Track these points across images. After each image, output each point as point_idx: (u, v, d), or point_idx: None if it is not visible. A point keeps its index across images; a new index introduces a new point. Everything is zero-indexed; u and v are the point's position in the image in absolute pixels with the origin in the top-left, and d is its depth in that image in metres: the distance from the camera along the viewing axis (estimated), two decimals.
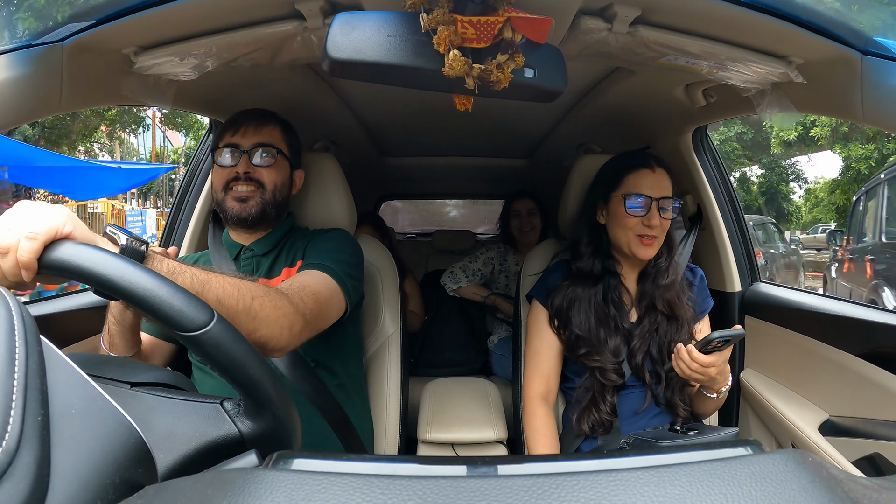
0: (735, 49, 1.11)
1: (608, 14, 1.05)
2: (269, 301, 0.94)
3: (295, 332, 1.00)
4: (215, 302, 0.84)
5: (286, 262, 1.41)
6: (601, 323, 1.48)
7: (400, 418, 1.65)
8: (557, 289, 1.55)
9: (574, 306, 1.51)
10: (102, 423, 0.50)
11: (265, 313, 0.93)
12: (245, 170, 1.36)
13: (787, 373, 1.69)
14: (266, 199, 1.38)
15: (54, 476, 0.43)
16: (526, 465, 0.50)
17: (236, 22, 1.09)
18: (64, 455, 0.45)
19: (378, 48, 0.88)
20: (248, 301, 0.90)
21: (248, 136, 1.38)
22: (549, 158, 2.80)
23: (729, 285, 1.92)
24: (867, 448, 1.39)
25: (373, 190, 3.69)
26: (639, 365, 1.47)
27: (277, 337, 0.95)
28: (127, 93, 1.20)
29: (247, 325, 0.89)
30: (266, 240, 1.43)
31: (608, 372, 1.45)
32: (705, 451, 0.51)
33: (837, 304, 1.58)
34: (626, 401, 1.48)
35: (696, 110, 1.64)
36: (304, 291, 1.11)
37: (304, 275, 1.22)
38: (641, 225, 1.44)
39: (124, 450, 0.50)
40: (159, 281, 0.62)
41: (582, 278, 1.54)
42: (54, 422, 0.46)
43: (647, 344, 1.48)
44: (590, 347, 1.47)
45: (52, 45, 1.01)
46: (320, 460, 0.48)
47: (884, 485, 0.46)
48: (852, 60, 1.04)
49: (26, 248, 0.65)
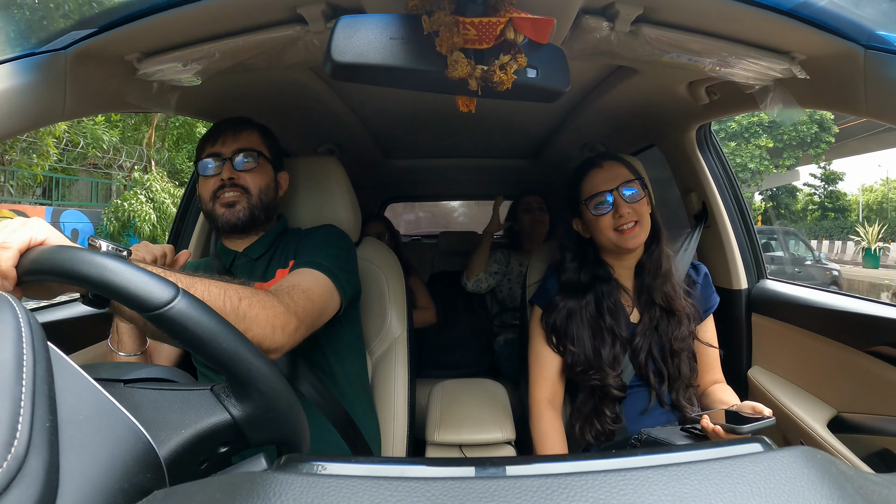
0: (737, 45, 1.11)
1: (610, 13, 1.05)
2: (257, 301, 0.95)
3: (289, 332, 1.00)
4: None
5: (280, 263, 1.41)
6: (596, 336, 1.48)
7: (408, 420, 1.65)
8: (551, 305, 1.55)
9: (569, 323, 1.50)
10: (110, 429, 0.50)
11: (254, 313, 0.92)
12: (229, 175, 1.37)
13: (795, 370, 1.69)
14: (253, 203, 1.39)
15: (63, 482, 0.43)
16: (534, 466, 0.50)
17: (238, 27, 1.09)
18: (73, 461, 0.45)
19: (380, 51, 0.88)
20: (235, 302, 0.90)
21: (228, 143, 1.39)
22: (554, 159, 2.80)
23: (735, 283, 1.92)
24: (877, 444, 1.39)
25: (377, 192, 3.70)
26: (642, 364, 1.46)
27: (270, 336, 0.95)
28: (131, 99, 1.21)
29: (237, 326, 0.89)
30: (259, 244, 1.44)
31: (609, 388, 1.44)
32: (715, 449, 0.51)
33: (845, 301, 1.57)
34: (631, 401, 1.48)
35: (699, 108, 1.63)
36: (295, 290, 1.11)
37: (295, 274, 1.22)
38: (613, 219, 1.45)
39: (132, 455, 0.50)
40: (121, 263, 0.61)
41: (571, 290, 1.53)
42: (63, 428, 0.46)
43: (649, 342, 1.47)
44: (587, 366, 1.47)
45: (56, 53, 1.01)
46: (329, 463, 0.48)
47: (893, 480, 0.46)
48: (855, 55, 1.04)
49: (1, 257, 0.67)
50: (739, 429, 1.16)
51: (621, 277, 1.55)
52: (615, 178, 1.47)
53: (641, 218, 1.45)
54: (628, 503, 0.40)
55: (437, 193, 4.02)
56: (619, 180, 1.46)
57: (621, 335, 1.48)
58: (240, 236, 1.43)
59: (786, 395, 1.65)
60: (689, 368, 1.47)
